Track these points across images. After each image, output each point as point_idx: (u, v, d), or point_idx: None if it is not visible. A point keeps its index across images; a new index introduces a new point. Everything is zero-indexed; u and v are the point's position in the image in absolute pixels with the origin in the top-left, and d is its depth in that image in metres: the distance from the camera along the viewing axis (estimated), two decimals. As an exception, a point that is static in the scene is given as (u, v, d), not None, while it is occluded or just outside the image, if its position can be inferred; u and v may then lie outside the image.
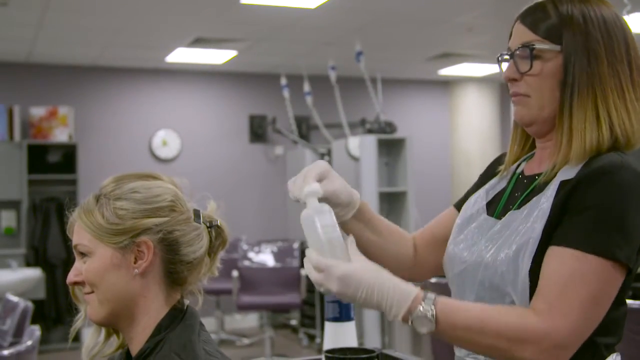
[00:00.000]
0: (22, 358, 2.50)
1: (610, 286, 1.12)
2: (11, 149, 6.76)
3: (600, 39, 1.22)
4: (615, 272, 1.12)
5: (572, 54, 1.22)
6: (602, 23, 1.23)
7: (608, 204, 1.12)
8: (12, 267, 6.12)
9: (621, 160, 1.16)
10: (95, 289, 1.25)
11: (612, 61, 1.22)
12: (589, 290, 1.10)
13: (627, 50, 1.23)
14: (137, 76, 7.59)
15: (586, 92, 1.21)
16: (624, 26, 1.26)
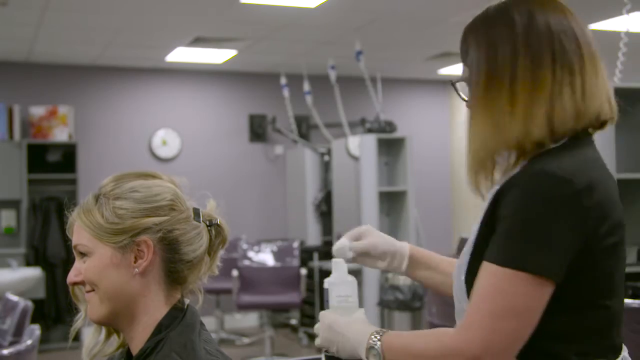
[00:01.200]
0: (22, 357, 2.50)
1: (528, 298, 1.10)
2: (11, 148, 6.76)
3: (485, 55, 1.25)
4: (529, 284, 1.09)
5: (472, 67, 1.27)
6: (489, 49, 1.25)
7: (518, 212, 1.11)
8: (12, 267, 6.12)
9: (540, 165, 1.14)
10: (95, 288, 1.25)
11: (495, 74, 1.24)
12: (501, 303, 1.10)
13: (512, 62, 1.22)
14: (137, 75, 7.59)
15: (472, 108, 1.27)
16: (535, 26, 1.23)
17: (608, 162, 4.14)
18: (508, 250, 1.11)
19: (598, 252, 1.14)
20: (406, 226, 6.06)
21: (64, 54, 6.90)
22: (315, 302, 6.45)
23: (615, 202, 1.18)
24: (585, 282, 1.14)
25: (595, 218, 1.12)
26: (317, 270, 6.52)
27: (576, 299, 1.14)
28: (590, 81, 1.22)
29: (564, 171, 1.12)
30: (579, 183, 1.11)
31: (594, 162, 1.19)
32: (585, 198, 1.11)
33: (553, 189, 1.10)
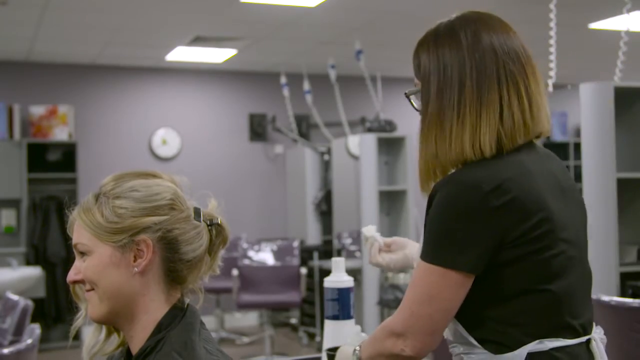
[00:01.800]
0: (22, 356, 2.50)
1: (439, 287, 1.28)
2: (11, 147, 6.76)
3: (435, 72, 1.39)
4: (440, 276, 1.27)
5: (423, 87, 1.42)
6: (440, 53, 1.39)
7: (433, 216, 1.29)
8: (12, 266, 6.12)
9: (451, 175, 1.31)
10: (95, 287, 1.25)
11: (444, 93, 1.35)
12: (419, 291, 1.30)
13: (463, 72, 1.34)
14: (136, 75, 7.59)
15: (422, 126, 1.39)
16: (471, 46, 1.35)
17: (608, 162, 4.10)
18: (425, 248, 1.30)
19: (523, 244, 1.26)
20: (406, 225, 6.06)
21: (64, 53, 6.90)
22: (315, 301, 6.45)
23: (538, 197, 1.28)
24: (518, 271, 1.27)
25: (510, 215, 1.25)
26: (317, 270, 6.52)
27: (514, 287, 1.28)
28: (536, 99, 1.34)
29: (473, 178, 1.27)
30: (487, 186, 1.25)
31: (514, 165, 1.30)
32: (494, 199, 1.25)
33: (459, 194, 1.27)
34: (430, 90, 1.37)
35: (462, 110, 1.31)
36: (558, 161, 1.43)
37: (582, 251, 1.38)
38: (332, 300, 1.63)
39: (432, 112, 1.35)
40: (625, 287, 3.65)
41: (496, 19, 1.39)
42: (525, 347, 1.26)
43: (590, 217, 3.91)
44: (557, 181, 1.35)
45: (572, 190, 1.41)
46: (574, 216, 1.37)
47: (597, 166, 3.67)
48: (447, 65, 1.35)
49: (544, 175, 1.33)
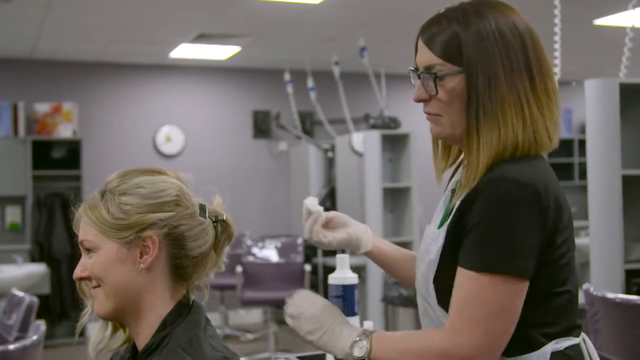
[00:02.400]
0: (28, 353, 2.51)
1: (508, 298, 1.18)
2: (16, 144, 6.77)
3: (498, 56, 1.25)
4: (510, 284, 1.18)
5: (472, 75, 1.26)
6: (498, 37, 1.26)
7: (488, 219, 1.18)
8: (17, 263, 6.13)
9: (500, 173, 1.20)
10: (101, 283, 1.25)
11: (511, 77, 1.25)
12: (484, 307, 1.18)
13: (526, 61, 1.26)
14: (140, 72, 7.59)
15: (491, 115, 1.24)
16: (521, 33, 1.28)
17: (613, 159, 4.09)
18: (484, 257, 1.18)
19: (559, 246, 1.23)
20: (410, 222, 6.06)
21: (68, 51, 6.91)
22: (320, 298, 6.45)
23: (564, 200, 1.26)
24: (551, 273, 1.23)
25: (554, 216, 1.21)
26: (321, 267, 6.52)
27: (544, 289, 1.23)
28: (556, 91, 1.30)
29: (524, 176, 1.19)
30: (538, 185, 1.19)
31: (546, 167, 1.27)
32: (544, 199, 1.19)
33: (516, 194, 1.18)
34: (494, 74, 1.25)
35: (536, 97, 1.26)
36: None
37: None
38: (336, 297, 1.63)
39: (503, 96, 1.24)
40: (630, 284, 3.64)
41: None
42: (547, 346, 1.23)
43: (595, 214, 3.90)
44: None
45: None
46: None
47: (602, 163, 3.66)
48: (510, 45, 1.26)
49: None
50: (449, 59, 1.27)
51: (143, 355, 1.25)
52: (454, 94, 1.27)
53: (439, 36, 1.29)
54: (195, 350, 1.20)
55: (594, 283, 3.44)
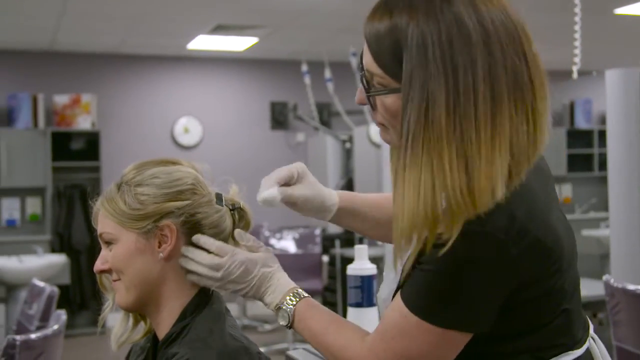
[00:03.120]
0: (49, 342, 2.53)
1: (433, 346, 1.04)
2: (36, 136, 6.82)
3: (441, 73, 0.97)
4: (438, 335, 1.03)
5: (408, 95, 0.99)
6: (447, 46, 0.97)
7: (436, 269, 1.01)
8: (37, 253, 6.19)
9: (469, 226, 0.99)
10: (122, 275, 1.26)
11: (456, 103, 0.96)
12: (405, 345, 1.05)
13: (491, 77, 0.98)
14: (158, 63, 7.62)
15: (420, 146, 0.98)
16: (495, 32, 0.99)
17: (634, 149, 4.02)
18: (422, 301, 1.03)
19: (542, 282, 1.06)
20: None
21: (87, 43, 6.95)
22: (337, 289, 6.46)
23: (551, 226, 1.05)
24: (537, 307, 1.07)
25: (531, 260, 1.02)
26: (338, 258, 6.52)
27: (532, 323, 1.08)
28: (540, 120, 1.02)
29: (483, 225, 0.98)
30: (502, 233, 0.99)
31: (524, 194, 1.03)
32: (512, 247, 1.00)
33: (472, 248, 0.99)
34: (434, 97, 0.97)
35: (478, 132, 0.97)
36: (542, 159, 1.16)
37: (575, 256, 1.15)
38: (355, 288, 1.63)
39: (441, 126, 0.97)
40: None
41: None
42: None
43: (615, 205, 3.86)
44: (549, 190, 1.13)
45: (551, 176, 1.17)
46: (558, 207, 1.15)
47: (622, 154, 3.63)
48: (459, 65, 0.97)
49: (543, 188, 1.10)
50: (389, 71, 1.03)
51: (163, 345, 1.25)
52: (392, 112, 1.05)
53: (380, 37, 1.04)
54: (215, 340, 1.21)
55: (614, 274, 3.41)
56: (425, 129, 0.97)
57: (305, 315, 1.18)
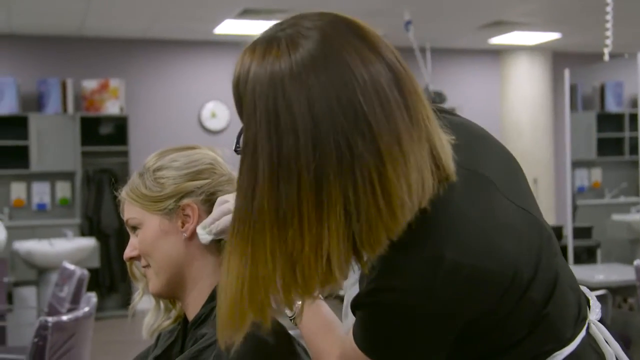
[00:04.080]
0: (80, 323, 2.57)
1: None
2: (65, 121, 6.89)
3: (266, 139, 0.84)
4: None
5: (242, 161, 0.89)
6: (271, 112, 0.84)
7: (367, 324, 0.98)
8: (67, 237, 6.28)
9: (370, 280, 0.94)
10: (150, 259, 1.28)
11: (279, 179, 0.84)
12: None
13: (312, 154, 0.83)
14: (185, 48, 7.64)
15: (244, 230, 0.87)
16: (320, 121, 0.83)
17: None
18: (365, 343, 0.99)
19: (502, 306, 0.97)
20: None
21: (115, 28, 6.98)
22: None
23: (498, 255, 0.94)
24: (510, 323, 1.00)
25: (472, 295, 0.93)
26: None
27: (511, 336, 1.01)
28: (395, 189, 0.85)
29: (416, 278, 0.91)
30: (436, 279, 0.91)
31: (454, 227, 0.93)
32: (448, 289, 0.91)
33: (409, 303, 0.92)
34: (259, 169, 0.85)
35: (301, 212, 0.83)
36: (488, 144, 1.06)
37: (552, 242, 1.04)
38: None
39: (262, 204, 0.85)
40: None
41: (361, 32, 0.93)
42: None
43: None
44: (491, 182, 1.00)
45: (509, 168, 1.07)
46: (521, 199, 1.03)
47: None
48: (283, 133, 0.83)
49: (480, 190, 0.98)
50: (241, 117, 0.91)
51: (193, 326, 1.27)
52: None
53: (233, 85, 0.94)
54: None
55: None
56: (249, 208, 0.86)
57: (308, 313, 1.19)
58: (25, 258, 6.06)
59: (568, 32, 7.57)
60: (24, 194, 6.94)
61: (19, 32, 7.00)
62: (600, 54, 3.94)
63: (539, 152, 8.53)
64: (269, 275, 0.86)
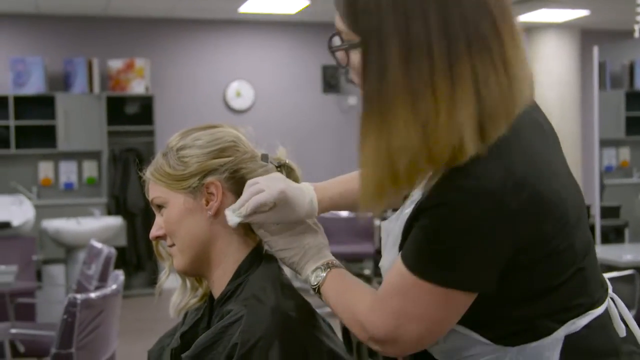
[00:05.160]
0: (108, 301, 2.60)
1: (431, 306, 1.03)
2: (91, 101, 6.94)
3: (393, 26, 0.96)
4: (438, 294, 1.01)
5: (364, 52, 0.99)
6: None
7: (433, 228, 1.00)
8: (94, 216, 6.34)
9: (450, 179, 0.98)
10: (175, 238, 1.29)
11: (409, 58, 0.95)
12: (403, 304, 1.05)
13: (441, 25, 0.95)
14: (210, 27, 7.63)
15: (376, 109, 0.98)
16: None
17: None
18: (421, 260, 1.02)
19: (547, 242, 1.03)
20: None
21: (140, 7, 6.99)
22: (389, 252, 6.46)
23: (551, 177, 1.03)
24: (548, 266, 1.05)
25: (530, 216, 1.00)
26: (390, 221, 6.51)
27: (544, 284, 1.06)
28: (515, 71, 1.00)
29: (477, 181, 0.97)
30: (497, 187, 0.97)
31: (516, 144, 1.01)
32: (510, 201, 0.97)
33: (468, 206, 0.97)
34: (387, 52, 0.96)
35: (435, 86, 0.95)
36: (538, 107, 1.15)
37: (584, 218, 1.11)
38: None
39: (395, 83, 0.96)
40: None
41: None
42: (559, 331, 1.06)
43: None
44: (552, 147, 1.11)
45: (555, 136, 1.15)
46: (565, 165, 1.12)
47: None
48: (411, 16, 0.96)
49: (543, 143, 1.08)
50: (352, 25, 1.03)
51: (219, 303, 1.28)
52: (357, 71, 1.04)
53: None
54: (269, 297, 1.23)
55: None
56: (379, 88, 0.97)
57: (333, 280, 1.19)
58: (53, 236, 6.14)
59: (597, 9, 7.43)
60: (52, 173, 7.02)
61: (46, 12, 7.04)
62: (629, 31, 3.87)
63: (567, 130, 8.43)
64: (403, 146, 0.96)
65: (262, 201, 1.18)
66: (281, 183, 1.21)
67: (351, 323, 1.13)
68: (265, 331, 1.16)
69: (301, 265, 1.22)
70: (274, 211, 1.20)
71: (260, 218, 1.21)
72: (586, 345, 1.08)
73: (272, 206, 1.19)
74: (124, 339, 4.35)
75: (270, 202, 1.19)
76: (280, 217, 1.22)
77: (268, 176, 1.24)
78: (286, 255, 1.23)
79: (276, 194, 1.19)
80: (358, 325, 1.11)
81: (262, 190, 1.19)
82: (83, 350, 2.48)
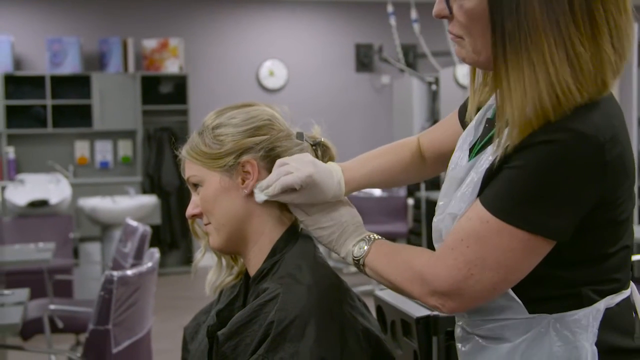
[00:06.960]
0: (144, 278, 2.63)
1: (513, 255, 1.02)
2: (126, 80, 6.99)
3: None
4: (522, 241, 1.01)
5: None
6: None
7: (529, 167, 1.00)
8: (129, 194, 6.41)
9: (561, 124, 0.99)
10: (211, 217, 1.29)
11: (547, 1, 0.99)
12: (480, 253, 1.03)
13: None
14: (243, 6, 7.63)
15: (518, 43, 1.00)
16: None
17: None
18: (508, 203, 1.01)
19: (620, 204, 1.05)
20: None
21: (174, -13, 7.00)
22: (422, 232, 6.44)
23: (629, 145, 1.06)
24: (609, 232, 1.07)
25: (616, 170, 1.02)
26: (424, 201, 6.49)
27: (600, 249, 1.07)
28: (625, 26, 1.04)
29: (586, 125, 0.99)
30: (603, 136, 0.99)
31: (614, 110, 1.06)
32: (607, 152, 1.00)
33: (577, 147, 0.99)
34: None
35: (576, 25, 1.00)
36: None
37: None
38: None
39: (533, 20, 0.99)
40: None
41: None
42: (600, 303, 1.07)
43: None
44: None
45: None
46: None
47: None
48: None
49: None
50: None
51: (254, 281, 1.29)
52: (474, 15, 1.04)
53: None
54: (304, 276, 1.23)
55: None
56: (520, 25, 1.00)
57: (379, 249, 1.19)
58: (89, 214, 6.22)
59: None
60: (88, 152, 7.11)
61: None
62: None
63: (604, 110, 8.30)
64: (549, 78, 0.99)
65: (289, 183, 1.19)
66: (310, 166, 1.21)
67: (408, 280, 1.11)
68: (301, 310, 1.17)
69: (340, 242, 1.22)
70: (300, 193, 1.21)
71: (287, 198, 1.22)
72: (618, 323, 1.09)
73: (298, 188, 1.20)
74: (159, 316, 4.42)
75: (297, 185, 1.19)
76: (307, 199, 1.22)
77: (298, 157, 1.24)
78: (324, 233, 1.23)
79: (304, 177, 1.19)
80: (418, 279, 1.09)
81: (291, 172, 1.20)
82: (119, 326, 2.52)
